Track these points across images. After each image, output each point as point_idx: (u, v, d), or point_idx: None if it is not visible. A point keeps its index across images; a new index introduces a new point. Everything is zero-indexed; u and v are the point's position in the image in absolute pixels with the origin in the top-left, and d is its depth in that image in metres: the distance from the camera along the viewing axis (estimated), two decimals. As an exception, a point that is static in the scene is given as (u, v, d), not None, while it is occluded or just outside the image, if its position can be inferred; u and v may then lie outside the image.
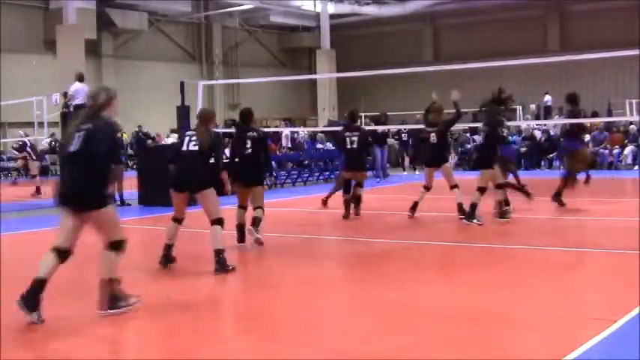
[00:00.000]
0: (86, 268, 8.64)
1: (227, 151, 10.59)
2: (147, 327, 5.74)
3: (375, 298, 6.45)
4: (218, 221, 7.60)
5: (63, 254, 5.67)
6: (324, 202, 13.44)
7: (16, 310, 5.61)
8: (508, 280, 7.06)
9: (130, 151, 29.26)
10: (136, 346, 5.43)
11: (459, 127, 26.92)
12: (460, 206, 10.88)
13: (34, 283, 5.59)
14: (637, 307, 5.50)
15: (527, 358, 4.73)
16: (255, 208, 9.04)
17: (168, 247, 7.91)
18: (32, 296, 5.55)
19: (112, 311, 5.77)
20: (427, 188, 11.41)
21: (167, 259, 7.90)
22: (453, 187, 11.14)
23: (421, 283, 7.02)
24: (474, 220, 10.16)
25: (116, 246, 5.76)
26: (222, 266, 7.49)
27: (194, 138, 7.81)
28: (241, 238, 9.11)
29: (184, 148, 7.85)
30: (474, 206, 10.26)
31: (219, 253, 7.52)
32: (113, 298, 5.79)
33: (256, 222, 8.98)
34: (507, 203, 10.85)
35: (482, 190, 10.34)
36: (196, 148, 7.73)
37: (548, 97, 29.29)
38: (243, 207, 9.21)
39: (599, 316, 5.42)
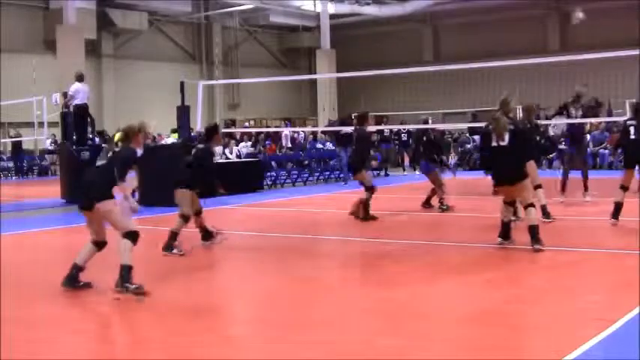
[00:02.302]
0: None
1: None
2: (147, 327, 5.74)
3: (375, 298, 6.45)
4: (128, 235, 6.66)
5: (511, 204, 8.51)
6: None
7: (16, 310, 5.60)
8: (508, 280, 7.06)
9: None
10: (136, 345, 5.43)
11: (459, 127, 26.99)
12: (362, 203, 11.21)
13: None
14: (637, 307, 5.50)
15: (527, 358, 4.73)
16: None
17: (77, 269, 6.82)
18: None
19: None
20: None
21: (72, 280, 6.78)
22: (368, 189, 11.40)
23: (421, 283, 7.02)
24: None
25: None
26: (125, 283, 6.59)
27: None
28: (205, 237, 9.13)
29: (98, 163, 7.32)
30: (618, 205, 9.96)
31: (124, 269, 6.58)
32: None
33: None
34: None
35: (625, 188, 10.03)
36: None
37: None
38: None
39: (599, 316, 5.42)
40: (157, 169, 14.73)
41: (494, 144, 8.25)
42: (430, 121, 14.99)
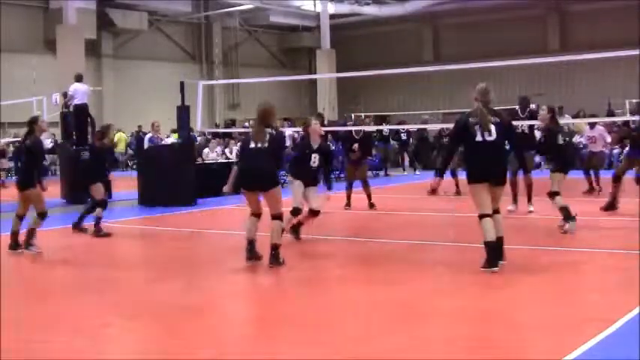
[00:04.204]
0: (84, 269, 8.66)
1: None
2: (147, 327, 5.74)
3: (375, 298, 6.45)
4: (278, 217, 7.85)
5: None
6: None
7: (16, 310, 5.60)
8: (508, 279, 7.05)
9: (129, 151, 29.33)
10: (136, 345, 5.43)
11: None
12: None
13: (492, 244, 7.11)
14: (637, 307, 5.50)
15: (527, 358, 4.73)
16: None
17: (253, 243, 8.01)
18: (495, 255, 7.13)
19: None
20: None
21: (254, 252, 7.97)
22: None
23: (421, 283, 7.02)
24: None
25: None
26: None
27: None
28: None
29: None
30: None
31: (276, 248, 7.81)
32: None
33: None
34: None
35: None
36: None
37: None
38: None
39: (599, 316, 5.42)
40: (156, 169, 14.75)
41: (478, 139, 7.30)
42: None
